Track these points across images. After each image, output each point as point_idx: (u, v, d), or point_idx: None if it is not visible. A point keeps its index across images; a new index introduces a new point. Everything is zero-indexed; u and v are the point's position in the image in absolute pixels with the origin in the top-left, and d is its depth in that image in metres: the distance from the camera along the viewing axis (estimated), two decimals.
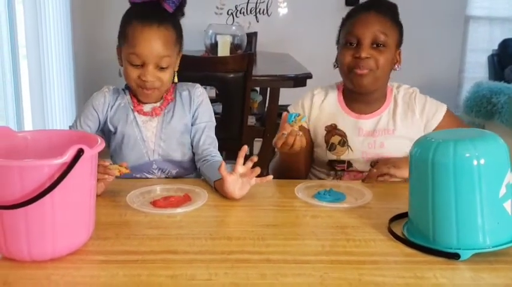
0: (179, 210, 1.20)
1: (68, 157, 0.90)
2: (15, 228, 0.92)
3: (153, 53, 1.40)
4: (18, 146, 1.07)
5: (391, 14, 1.54)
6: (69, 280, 0.90)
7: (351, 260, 0.99)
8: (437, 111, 1.57)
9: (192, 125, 1.55)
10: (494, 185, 0.98)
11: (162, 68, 1.43)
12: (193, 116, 1.55)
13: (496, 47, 4.95)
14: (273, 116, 2.93)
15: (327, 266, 0.96)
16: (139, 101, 1.51)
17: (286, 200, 1.31)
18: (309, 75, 2.87)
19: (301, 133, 1.36)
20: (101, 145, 0.99)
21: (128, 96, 1.52)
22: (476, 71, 5.18)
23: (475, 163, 0.97)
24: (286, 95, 2.98)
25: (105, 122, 1.51)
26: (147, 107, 1.51)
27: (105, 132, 1.54)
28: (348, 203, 1.28)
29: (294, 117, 1.34)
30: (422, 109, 1.57)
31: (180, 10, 1.49)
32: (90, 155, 0.94)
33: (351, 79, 1.52)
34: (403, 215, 1.15)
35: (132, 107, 1.51)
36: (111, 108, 1.51)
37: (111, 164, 1.28)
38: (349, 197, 1.31)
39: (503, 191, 0.99)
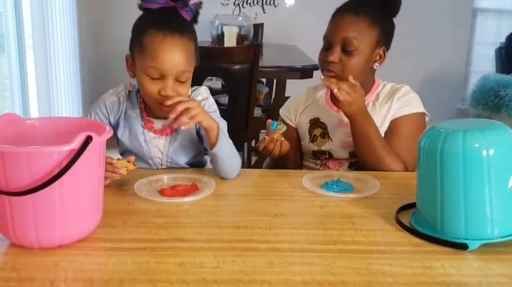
0: (187, 199, 1.21)
1: (76, 143, 0.89)
2: (24, 215, 0.92)
3: (175, 66, 1.30)
4: (26, 133, 1.07)
5: (373, 13, 1.52)
6: (77, 267, 0.90)
7: (358, 250, 0.99)
8: (409, 106, 1.56)
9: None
10: (503, 175, 0.98)
11: (180, 82, 1.34)
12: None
13: (503, 40, 4.91)
14: (279, 108, 2.92)
15: (334, 255, 0.96)
16: (149, 115, 1.45)
17: (293, 190, 1.31)
18: (316, 67, 2.84)
19: (282, 139, 1.48)
20: (109, 132, 0.98)
21: (138, 109, 1.46)
22: (484, 64, 5.15)
23: (485, 153, 0.97)
24: (292, 86, 2.97)
25: (117, 128, 1.47)
26: (157, 125, 1.45)
27: (116, 137, 1.50)
28: (356, 193, 1.27)
29: (276, 126, 1.46)
30: (399, 98, 1.58)
31: (195, 18, 1.40)
32: (99, 142, 0.94)
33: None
34: (411, 206, 1.15)
35: (142, 123, 1.45)
36: (123, 116, 1.46)
37: (118, 159, 1.27)
38: (356, 188, 1.31)
39: None
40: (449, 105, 4.87)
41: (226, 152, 1.35)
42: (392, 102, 1.58)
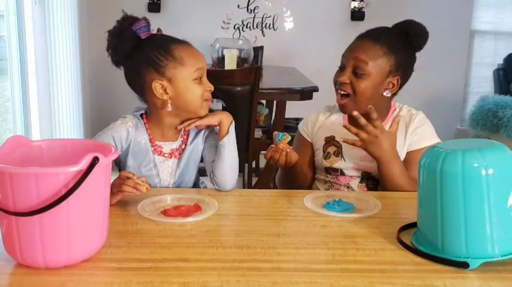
0: (190, 219, 1.22)
1: (83, 164, 0.91)
2: (31, 235, 0.93)
3: (205, 61, 1.50)
4: (33, 154, 1.08)
5: (392, 42, 1.56)
6: (84, 286, 0.91)
7: (361, 269, 1.00)
8: (425, 139, 1.58)
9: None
10: (502, 194, 0.99)
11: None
12: (203, 142, 1.54)
13: (501, 61, 4.97)
14: (280, 129, 2.94)
15: (337, 274, 0.97)
16: (158, 140, 1.49)
17: (295, 210, 1.32)
18: (316, 89, 2.89)
19: (288, 150, 1.51)
20: (115, 153, 1.00)
21: (147, 135, 1.49)
22: (482, 85, 5.21)
23: (484, 172, 0.98)
24: (292, 107, 3.01)
25: (125, 157, 1.49)
26: (166, 149, 1.50)
27: (119, 163, 1.52)
28: (357, 213, 1.29)
29: (281, 136, 1.49)
30: (415, 129, 1.61)
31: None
32: (105, 163, 0.95)
33: (336, 99, 1.63)
34: (412, 225, 1.17)
35: (152, 149, 1.49)
36: (132, 144, 1.48)
37: (138, 178, 1.27)
38: (358, 208, 1.32)
39: (511, 200, 1.00)
40: (448, 126, 4.90)
41: (232, 150, 1.46)
42: (407, 132, 1.60)
